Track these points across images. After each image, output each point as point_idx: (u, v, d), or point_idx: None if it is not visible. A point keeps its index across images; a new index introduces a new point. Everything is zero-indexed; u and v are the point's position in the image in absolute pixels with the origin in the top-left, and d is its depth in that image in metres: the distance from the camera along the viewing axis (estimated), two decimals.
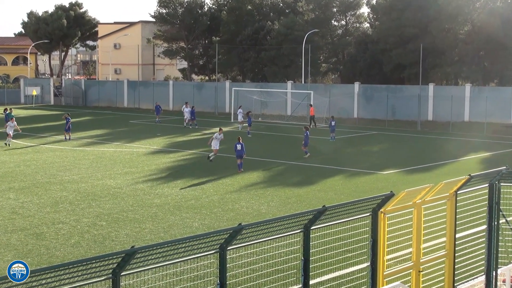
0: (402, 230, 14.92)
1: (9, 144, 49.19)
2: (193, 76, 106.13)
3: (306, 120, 70.98)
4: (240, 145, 39.25)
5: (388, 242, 14.44)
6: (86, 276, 9.74)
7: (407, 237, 15.06)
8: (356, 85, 76.37)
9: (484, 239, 17.23)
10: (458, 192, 16.17)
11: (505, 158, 44.50)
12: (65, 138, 53.69)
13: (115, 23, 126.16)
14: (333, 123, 55.65)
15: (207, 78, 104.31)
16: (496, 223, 17.03)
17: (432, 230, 15.82)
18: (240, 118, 64.68)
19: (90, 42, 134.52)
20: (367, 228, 14.37)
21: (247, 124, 59.27)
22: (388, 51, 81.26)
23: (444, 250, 16.15)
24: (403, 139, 58.26)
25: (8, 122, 50.72)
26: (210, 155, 42.39)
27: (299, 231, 13.01)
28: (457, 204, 16.28)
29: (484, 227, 17.28)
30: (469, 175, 16.15)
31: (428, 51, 75.69)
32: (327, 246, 14.20)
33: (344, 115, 74.72)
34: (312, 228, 13.12)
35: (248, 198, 30.97)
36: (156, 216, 26.99)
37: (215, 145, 41.78)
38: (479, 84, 77.28)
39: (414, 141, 56.19)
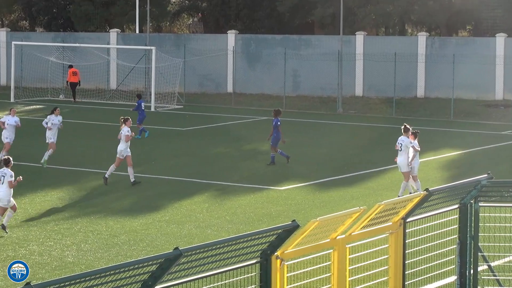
0: (313, 286, 15.11)
1: None
2: None
3: (143, 96, 70.83)
4: None
5: None
6: None
7: None
8: (231, 35, 76.75)
9: None
10: (407, 220, 16.48)
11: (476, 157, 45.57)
12: None
13: None
14: (141, 105, 54.24)
15: None
16: (472, 271, 17.43)
17: (366, 286, 16.09)
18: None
19: None
20: (254, 286, 14.48)
21: None
22: None
23: None
24: (313, 129, 58.83)
25: None
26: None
27: None
28: (407, 240, 16.60)
29: (454, 278, 17.69)
30: (427, 189, 16.48)
31: None
32: None
33: (212, 88, 75.14)
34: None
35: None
36: None
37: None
38: None
39: (331, 131, 56.90)
